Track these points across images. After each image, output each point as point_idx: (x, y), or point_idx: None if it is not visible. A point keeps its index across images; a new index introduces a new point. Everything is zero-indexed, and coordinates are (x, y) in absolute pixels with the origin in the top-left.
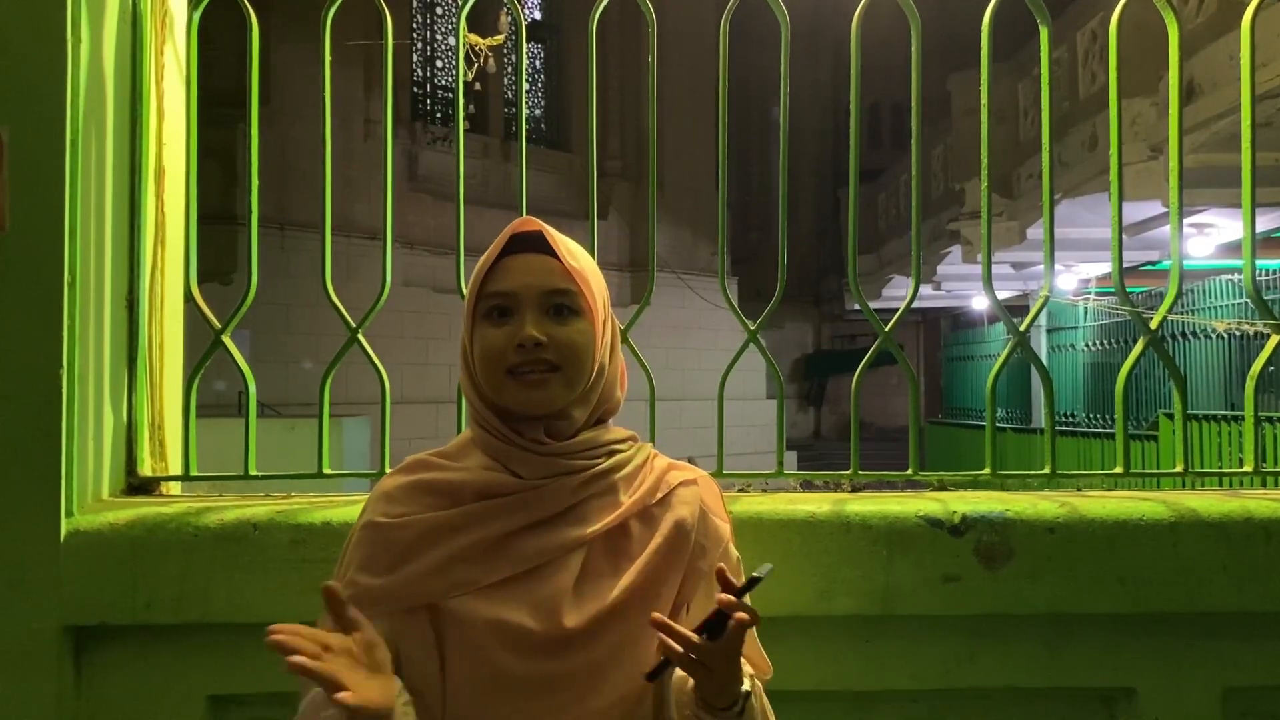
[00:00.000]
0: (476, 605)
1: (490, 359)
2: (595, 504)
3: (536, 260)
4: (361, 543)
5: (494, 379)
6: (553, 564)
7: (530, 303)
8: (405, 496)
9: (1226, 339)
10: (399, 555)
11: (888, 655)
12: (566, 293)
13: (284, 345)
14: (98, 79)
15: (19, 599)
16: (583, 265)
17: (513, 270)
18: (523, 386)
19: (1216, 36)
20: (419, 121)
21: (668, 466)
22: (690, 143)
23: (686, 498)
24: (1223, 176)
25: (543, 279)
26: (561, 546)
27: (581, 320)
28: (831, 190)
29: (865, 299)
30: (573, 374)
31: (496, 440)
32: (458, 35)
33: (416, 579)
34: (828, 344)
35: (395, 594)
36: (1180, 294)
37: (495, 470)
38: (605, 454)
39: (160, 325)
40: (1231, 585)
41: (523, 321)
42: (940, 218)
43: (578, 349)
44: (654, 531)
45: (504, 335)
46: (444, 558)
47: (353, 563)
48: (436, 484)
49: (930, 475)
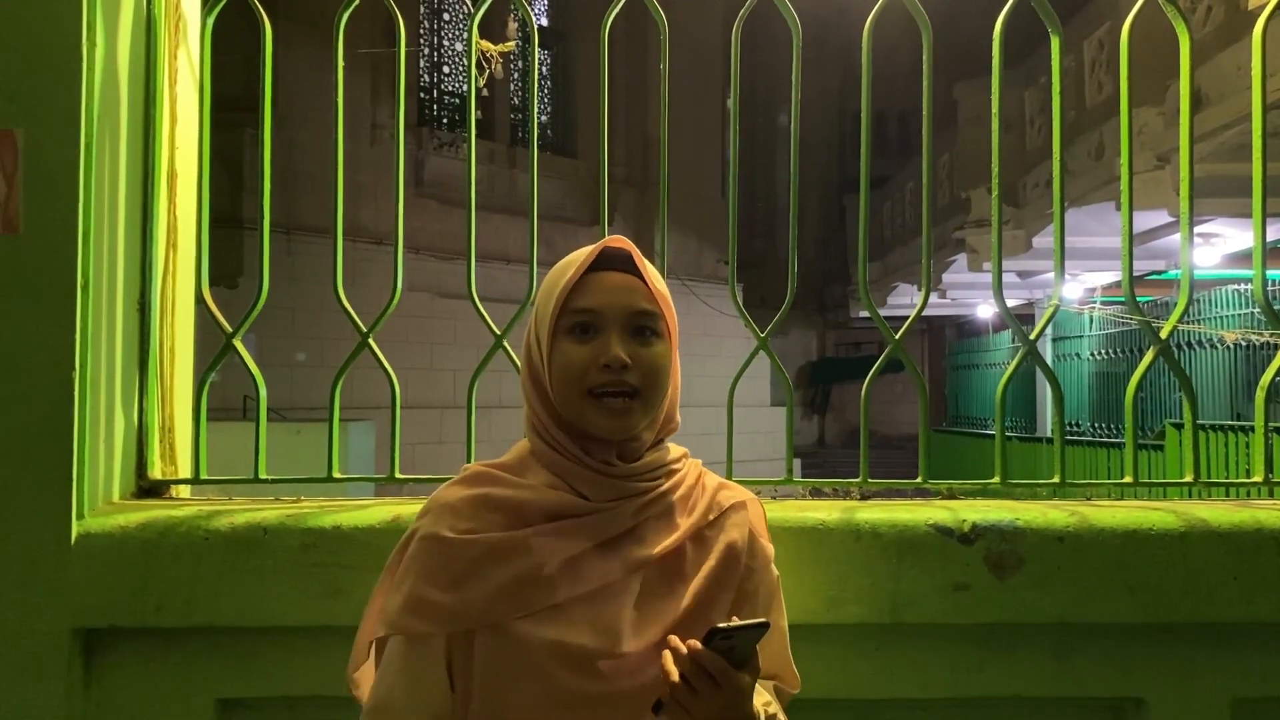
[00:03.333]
0: (538, 626)
1: (571, 376)
2: (653, 525)
3: (623, 279)
4: (424, 554)
5: (573, 398)
6: (613, 585)
7: (616, 323)
8: (470, 511)
9: (1232, 349)
10: (463, 572)
11: (896, 664)
12: (651, 315)
13: (289, 349)
14: (112, 83)
15: (29, 601)
16: (664, 289)
17: (599, 287)
18: (606, 413)
19: (1224, 46)
20: (425, 127)
21: (718, 486)
22: (696, 149)
23: (738, 521)
24: (1229, 186)
25: (629, 299)
26: (623, 568)
27: (662, 343)
28: (837, 198)
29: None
30: (651, 398)
31: (565, 459)
32: (469, 42)
33: (483, 599)
34: (832, 352)
35: (460, 613)
36: (1190, 303)
37: (560, 489)
38: (665, 474)
39: (171, 329)
40: (1242, 595)
41: (608, 341)
42: (946, 226)
43: (659, 372)
44: (707, 553)
45: (588, 353)
46: (510, 579)
47: (412, 572)
48: (504, 501)
49: (939, 484)
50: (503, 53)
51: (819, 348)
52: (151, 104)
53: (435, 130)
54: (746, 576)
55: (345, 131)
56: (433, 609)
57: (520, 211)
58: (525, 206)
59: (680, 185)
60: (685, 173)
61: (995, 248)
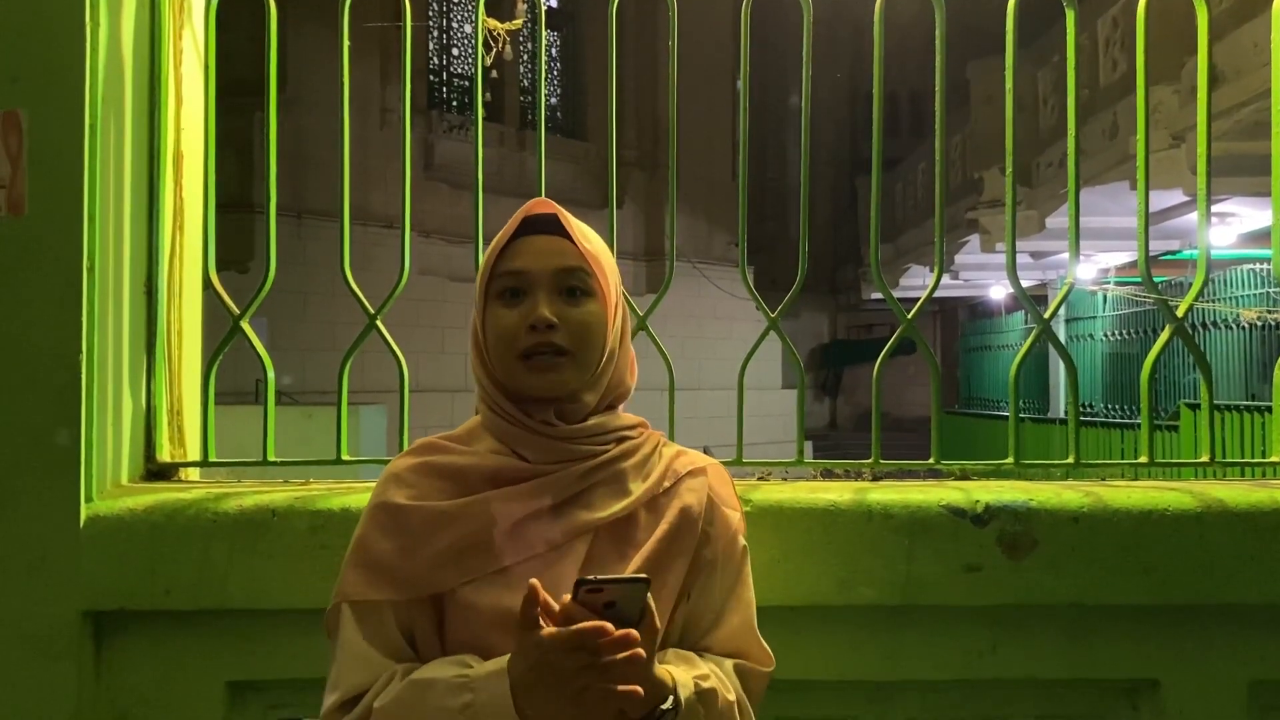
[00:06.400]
0: (482, 592)
1: (503, 341)
2: (602, 490)
3: (550, 241)
4: (371, 523)
5: (506, 362)
6: (559, 550)
7: (543, 283)
8: (414, 478)
9: (1247, 329)
10: (409, 540)
11: (909, 645)
12: (578, 272)
13: (301, 333)
14: (116, 64)
15: (39, 584)
16: (595, 248)
17: (526, 250)
18: (534, 371)
19: (1241, 23)
20: (435, 110)
21: (676, 454)
22: (706, 131)
23: (694, 486)
24: (1245, 165)
25: (555, 259)
26: (568, 533)
27: (593, 302)
28: (848, 179)
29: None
30: (584, 357)
31: (506, 422)
32: (476, 20)
33: (428, 568)
34: (844, 334)
35: (409, 581)
36: (1206, 282)
37: (504, 454)
38: (615, 440)
39: (179, 311)
40: (1259, 576)
41: (535, 302)
42: (958, 206)
43: (589, 330)
44: (660, 519)
45: (516, 316)
46: (453, 546)
47: (361, 543)
48: (445, 467)
49: (952, 464)
50: (511, 32)
51: (831, 330)
52: (156, 85)
53: (445, 113)
54: (704, 543)
55: (354, 115)
56: (380, 576)
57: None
58: (535, 190)
59: (691, 167)
60: (696, 155)
61: (1009, 228)
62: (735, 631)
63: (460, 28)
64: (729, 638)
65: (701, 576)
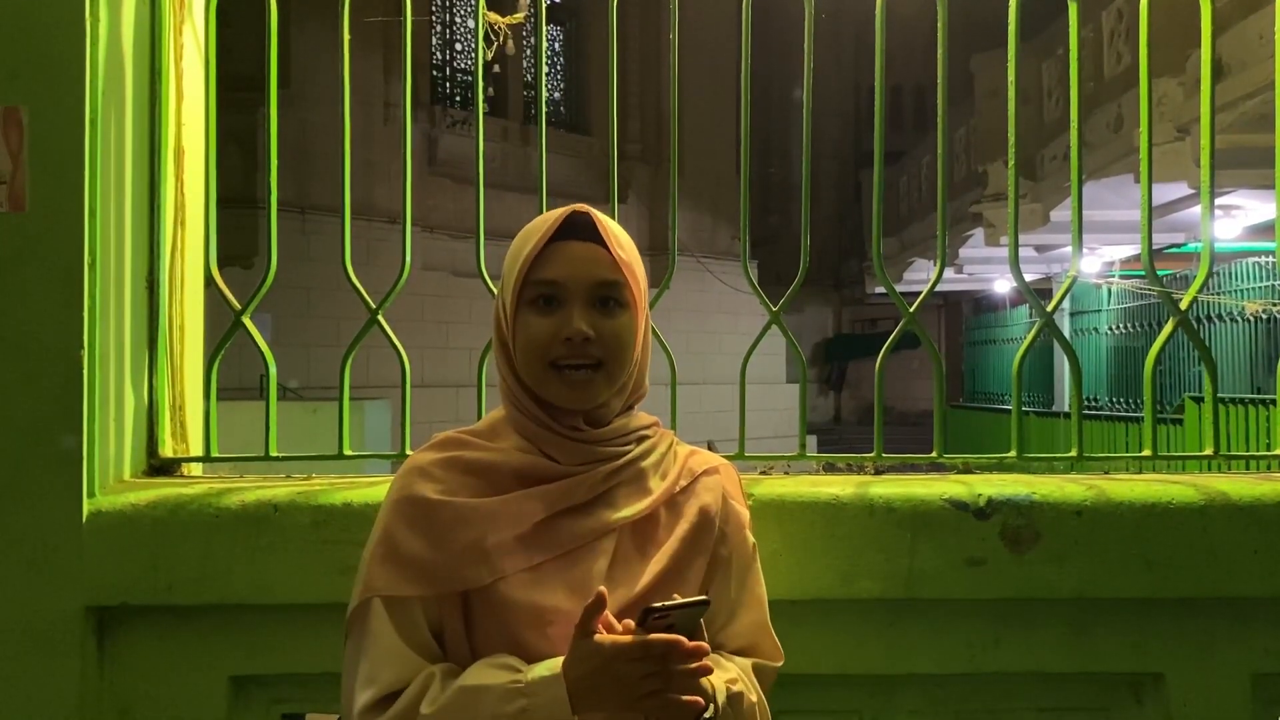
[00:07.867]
0: (514, 589)
1: (534, 349)
2: (624, 490)
3: (586, 249)
4: (398, 519)
5: (536, 370)
6: (586, 548)
7: (578, 294)
8: (441, 473)
9: (1251, 322)
10: (440, 536)
11: (911, 639)
12: (615, 285)
13: (305, 329)
14: (117, 59)
15: (41, 580)
16: (630, 256)
17: (562, 258)
18: (567, 385)
19: (1245, 15)
20: (438, 105)
21: (689, 453)
22: (709, 125)
23: (710, 485)
24: (1250, 157)
25: (592, 270)
26: (595, 531)
27: (626, 313)
28: (852, 173)
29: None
30: (615, 369)
31: (533, 425)
32: (478, 15)
33: (458, 564)
34: (848, 328)
35: (441, 577)
36: (1210, 275)
37: (531, 453)
38: (635, 440)
39: (181, 306)
40: (1263, 569)
41: (570, 314)
42: (963, 200)
43: (622, 342)
44: (680, 518)
45: (550, 326)
46: (485, 543)
47: (390, 538)
48: (474, 463)
49: (955, 458)
50: (513, 27)
51: (835, 324)
52: (157, 80)
53: (449, 108)
54: (720, 541)
55: (358, 111)
56: (409, 571)
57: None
58: (538, 184)
59: (694, 161)
60: (699, 149)
61: (1012, 221)
62: (748, 627)
63: (463, 22)
64: (742, 633)
65: (718, 573)
